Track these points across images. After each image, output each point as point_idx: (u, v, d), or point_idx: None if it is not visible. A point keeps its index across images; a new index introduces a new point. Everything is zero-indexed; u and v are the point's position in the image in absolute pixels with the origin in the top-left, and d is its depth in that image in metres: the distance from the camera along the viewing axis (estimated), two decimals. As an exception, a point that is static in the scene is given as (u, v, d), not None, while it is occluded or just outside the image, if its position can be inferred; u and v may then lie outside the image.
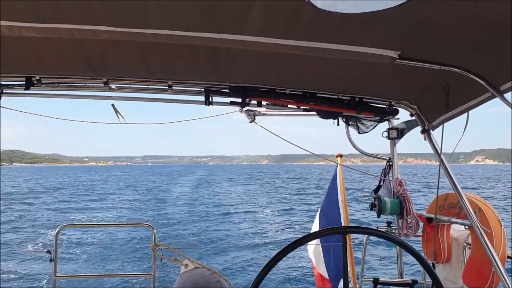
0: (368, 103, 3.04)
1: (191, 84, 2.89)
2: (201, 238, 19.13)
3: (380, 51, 1.85)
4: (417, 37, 1.73)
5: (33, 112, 3.48)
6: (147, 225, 4.20)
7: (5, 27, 1.64)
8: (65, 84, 2.83)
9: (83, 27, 1.67)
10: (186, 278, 2.30)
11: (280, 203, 35.82)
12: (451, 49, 1.84)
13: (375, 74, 2.47)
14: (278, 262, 1.68)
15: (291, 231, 20.59)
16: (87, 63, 2.47)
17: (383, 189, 3.50)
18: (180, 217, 26.41)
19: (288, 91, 2.89)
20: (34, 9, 1.55)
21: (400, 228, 3.31)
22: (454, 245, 3.16)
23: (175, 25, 1.67)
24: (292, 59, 2.27)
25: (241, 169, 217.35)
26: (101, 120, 3.61)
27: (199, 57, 2.33)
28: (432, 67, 2.01)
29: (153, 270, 3.91)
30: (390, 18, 1.51)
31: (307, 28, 1.63)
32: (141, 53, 2.29)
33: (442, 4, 1.42)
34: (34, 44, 2.15)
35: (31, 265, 13.32)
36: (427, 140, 2.86)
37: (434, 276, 1.77)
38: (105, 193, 50.27)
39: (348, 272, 1.81)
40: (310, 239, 1.82)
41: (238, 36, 1.73)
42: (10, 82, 2.80)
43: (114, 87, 2.87)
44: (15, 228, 22.56)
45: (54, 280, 3.83)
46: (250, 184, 68.39)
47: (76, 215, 28.47)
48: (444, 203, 3.14)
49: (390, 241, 1.83)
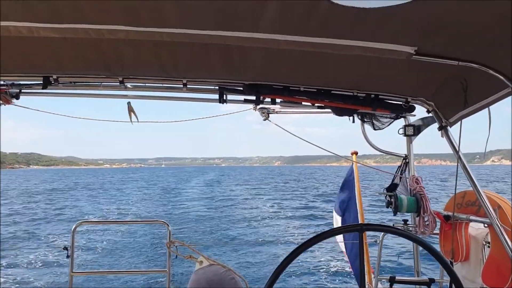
0: (384, 99, 3.00)
1: (205, 82, 2.90)
2: (216, 235, 19.26)
3: (397, 47, 1.82)
4: (434, 32, 1.70)
5: (49, 111, 3.53)
6: (162, 222, 4.23)
7: (25, 28, 1.67)
8: (81, 83, 2.87)
9: (100, 26, 1.68)
10: (201, 275, 2.30)
11: (295, 202, 35.81)
12: (469, 44, 1.81)
13: (391, 70, 2.44)
14: (293, 260, 1.67)
15: (306, 230, 20.53)
16: (103, 62, 2.50)
17: (400, 186, 3.45)
18: (195, 214, 26.67)
19: (303, 88, 2.88)
20: (53, 10, 1.58)
21: (416, 226, 3.27)
22: (472, 244, 3.10)
23: (190, 24, 1.68)
24: (306, 56, 2.26)
25: (253, 170, 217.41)
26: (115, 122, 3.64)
27: (213, 55, 2.33)
28: (449, 63, 1.98)
29: (168, 266, 3.93)
30: (407, 13, 1.49)
31: (323, 25, 1.61)
32: (156, 52, 2.31)
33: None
34: (51, 44, 2.18)
35: (48, 261, 13.59)
36: (444, 137, 2.82)
37: (453, 275, 1.73)
38: (122, 191, 51.13)
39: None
40: (325, 237, 1.79)
41: (253, 34, 1.72)
42: (28, 81, 2.85)
43: (130, 86, 2.89)
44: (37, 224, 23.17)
45: (70, 276, 3.88)
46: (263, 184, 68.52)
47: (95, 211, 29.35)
48: (462, 200, 3.09)
49: (408, 239, 1.80)
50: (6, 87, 2.83)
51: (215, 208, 30.50)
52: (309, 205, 32.34)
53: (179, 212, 28.13)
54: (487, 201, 2.60)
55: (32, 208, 32.61)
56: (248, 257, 14.24)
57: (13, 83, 2.84)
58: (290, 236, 18.39)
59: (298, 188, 56.77)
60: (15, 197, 44.59)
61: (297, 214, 26.80)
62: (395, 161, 3.66)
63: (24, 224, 23.46)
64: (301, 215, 26.39)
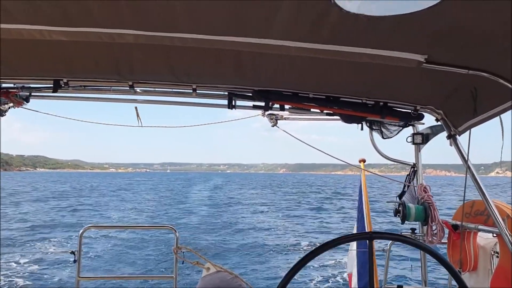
0: (393, 107, 3.00)
1: (214, 88, 2.91)
2: (223, 241, 19.27)
3: (407, 55, 1.82)
4: (444, 40, 1.70)
5: (57, 115, 3.55)
6: (170, 228, 4.22)
7: (36, 31, 1.69)
8: (91, 87, 2.89)
9: (111, 30, 1.70)
10: (208, 281, 2.29)
11: (304, 210, 35.73)
12: (480, 53, 1.81)
13: (400, 78, 2.43)
14: (302, 267, 1.67)
15: (313, 238, 20.44)
16: (114, 67, 2.52)
17: (407, 195, 3.44)
18: (202, 220, 26.76)
19: (312, 95, 2.88)
20: (65, 14, 1.59)
21: (424, 235, 3.24)
22: (481, 253, 3.08)
23: (201, 29, 1.68)
24: (315, 63, 2.26)
25: (258, 177, 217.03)
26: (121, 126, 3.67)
27: (223, 60, 2.34)
28: (459, 71, 1.97)
29: (175, 272, 3.92)
30: (418, 21, 1.49)
31: (333, 32, 1.62)
32: (166, 56, 2.32)
33: (472, 8, 1.40)
34: (62, 48, 2.19)
35: (55, 265, 13.63)
36: (453, 145, 2.80)
37: (463, 284, 1.71)
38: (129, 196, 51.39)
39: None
40: (334, 245, 1.78)
41: (263, 40, 1.73)
42: (38, 85, 2.88)
43: (139, 91, 2.91)
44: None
45: (77, 281, 3.88)
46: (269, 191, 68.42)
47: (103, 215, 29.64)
48: (471, 210, 3.07)
49: (417, 248, 1.79)
50: (17, 89, 2.85)
51: (222, 214, 30.55)
52: (317, 212, 32.19)
53: (186, 218, 28.19)
54: (496, 211, 2.57)
55: (42, 211, 33.01)
56: (255, 265, 14.21)
57: (23, 86, 2.86)
58: (297, 244, 18.35)
59: (306, 196, 56.59)
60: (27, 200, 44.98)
61: (305, 222, 26.72)
62: (399, 171, 3.66)
63: (32, 227, 23.62)
64: (310, 222, 26.31)
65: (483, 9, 1.39)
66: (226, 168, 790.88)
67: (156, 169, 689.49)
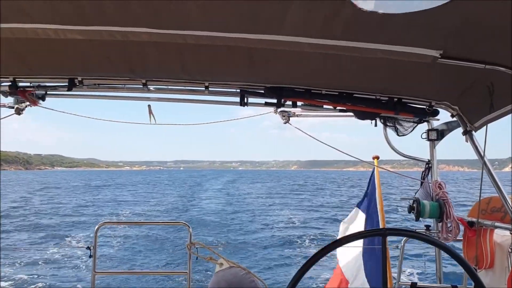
0: (407, 103, 2.96)
1: (227, 85, 2.91)
2: (237, 237, 19.37)
3: (422, 50, 1.80)
4: (460, 35, 1.67)
5: (72, 113, 3.59)
6: (183, 224, 4.25)
7: (52, 30, 1.71)
8: (105, 85, 2.91)
9: (125, 29, 1.71)
10: (221, 277, 2.30)
11: (316, 206, 35.67)
12: (496, 48, 1.78)
13: (414, 73, 2.40)
14: (315, 263, 1.66)
15: (327, 233, 20.36)
16: (127, 65, 2.53)
17: (421, 191, 3.40)
18: (215, 216, 26.92)
19: (324, 91, 2.85)
20: (79, 13, 1.61)
21: (439, 232, 3.21)
22: (497, 251, 3.03)
23: (213, 27, 1.69)
24: (328, 59, 2.24)
25: (272, 174, 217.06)
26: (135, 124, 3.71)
27: (236, 58, 2.33)
28: (475, 66, 1.94)
29: (189, 268, 3.94)
30: (433, 17, 1.47)
31: (346, 28, 1.60)
32: (179, 54, 2.33)
33: (488, 1, 1.37)
34: (77, 46, 2.21)
35: (72, 260, 13.89)
36: (469, 141, 2.76)
37: (479, 282, 1.69)
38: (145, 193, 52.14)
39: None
40: (348, 241, 1.76)
41: (276, 37, 1.72)
42: (53, 83, 2.90)
43: (152, 89, 2.92)
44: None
45: (93, 276, 3.93)
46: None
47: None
48: (487, 207, 3.02)
49: (432, 245, 1.77)
50: (32, 88, 2.88)
51: (235, 210, 30.70)
52: (330, 209, 32.05)
53: (199, 214, 28.36)
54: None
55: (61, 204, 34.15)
56: (267, 260, 14.26)
57: (39, 85, 2.89)
58: (310, 240, 18.30)
59: (319, 192, 56.42)
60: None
61: (319, 218, 26.63)
62: (411, 167, 3.62)
63: (49, 223, 24.12)
64: (323, 218, 26.21)
65: (498, 2, 1.36)
66: (238, 165, 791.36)
67: (170, 167, 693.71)
